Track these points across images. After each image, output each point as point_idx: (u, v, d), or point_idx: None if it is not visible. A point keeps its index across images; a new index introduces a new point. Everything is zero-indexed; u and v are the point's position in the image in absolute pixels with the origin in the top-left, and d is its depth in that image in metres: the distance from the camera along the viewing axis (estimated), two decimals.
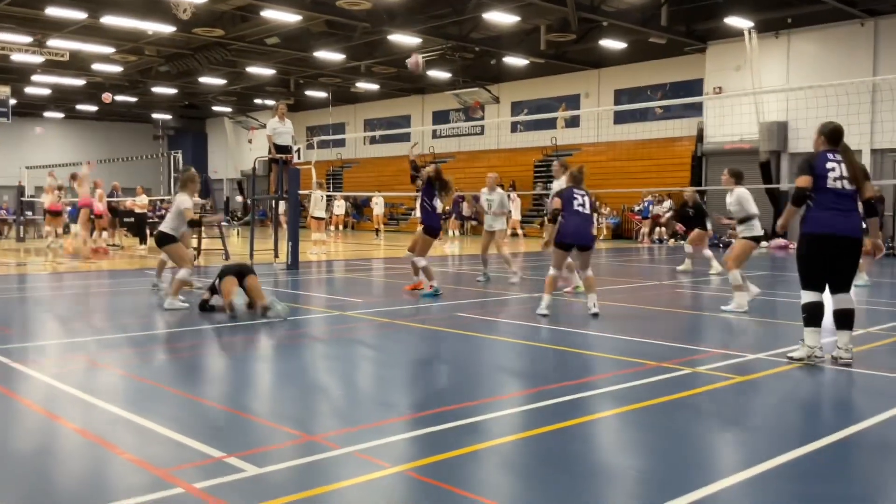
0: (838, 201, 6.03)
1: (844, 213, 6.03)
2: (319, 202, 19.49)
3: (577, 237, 8.81)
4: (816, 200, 6.08)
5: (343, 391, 5.63)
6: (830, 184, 6.05)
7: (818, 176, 6.07)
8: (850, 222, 6.05)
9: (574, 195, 8.89)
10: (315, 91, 36.52)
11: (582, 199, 8.88)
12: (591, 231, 9.15)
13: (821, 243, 6.03)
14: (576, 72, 30.51)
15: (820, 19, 22.84)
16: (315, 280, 13.91)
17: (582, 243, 8.88)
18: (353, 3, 21.67)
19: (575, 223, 8.78)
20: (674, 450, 4.23)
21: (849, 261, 6.11)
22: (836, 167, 6.08)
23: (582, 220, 8.84)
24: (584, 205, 8.86)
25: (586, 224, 8.96)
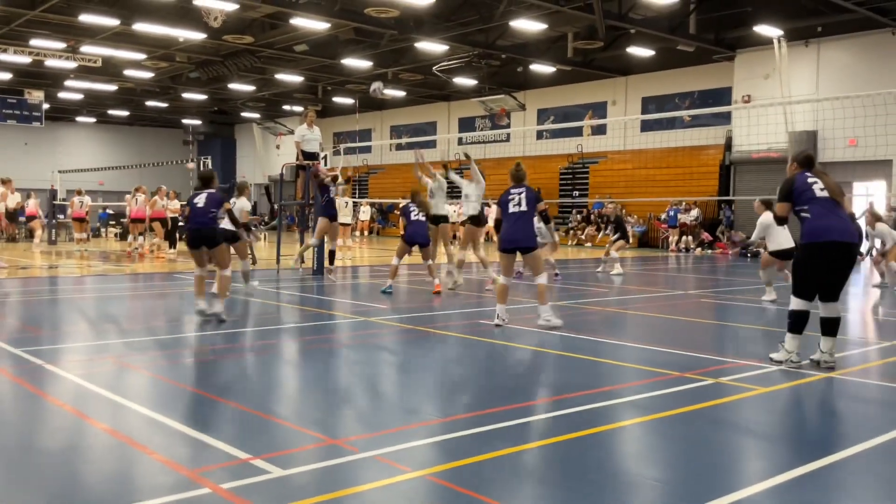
0: (832, 208, 6.17)
1: (840, 219, 6.17)
2: (345, 208, 19.62)
3: (512, 241, 8.31)
4: (811, 212, 6.21)
5: (366, 396, 5.69)
6: (819, 194, 6.20)
7: (802, 191, 6.25)
8: (847, 228, 6.20)
9: (509, 196, 8.40)
10: (342, 98, 36.80)
11: (518, 198, 8.32)
12: (528, 231, 8.33)
13: (822, 251, 6.14)
14: (603, 79, 30.45)
15: (850, 28, 22.62)
16: (339, 286, 14.02)
17: (519, 246, 8.33)
18: (381, 11, 21.84)
19: (508, 225, 8.35)
20: (695, 460, 4.24)
21: (845, 267, 6.23)
22: (818, 181, 6.29)
23: (515, 221, 8.30)
24: (521, 203, 8.28)
25: (521, 224, 8.29)
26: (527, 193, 8.41)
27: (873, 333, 9.23)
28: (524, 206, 8.32)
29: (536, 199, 8.47)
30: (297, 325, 9.17)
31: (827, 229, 6.09)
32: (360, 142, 37.79)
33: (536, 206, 8.48)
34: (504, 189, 8.67)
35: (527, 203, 8.33)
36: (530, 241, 8.40)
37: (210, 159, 22.02)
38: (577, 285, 14.00)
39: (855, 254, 6.26)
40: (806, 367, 6.40)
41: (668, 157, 28.28)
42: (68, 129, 44.58)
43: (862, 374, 6.54)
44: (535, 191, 8.65)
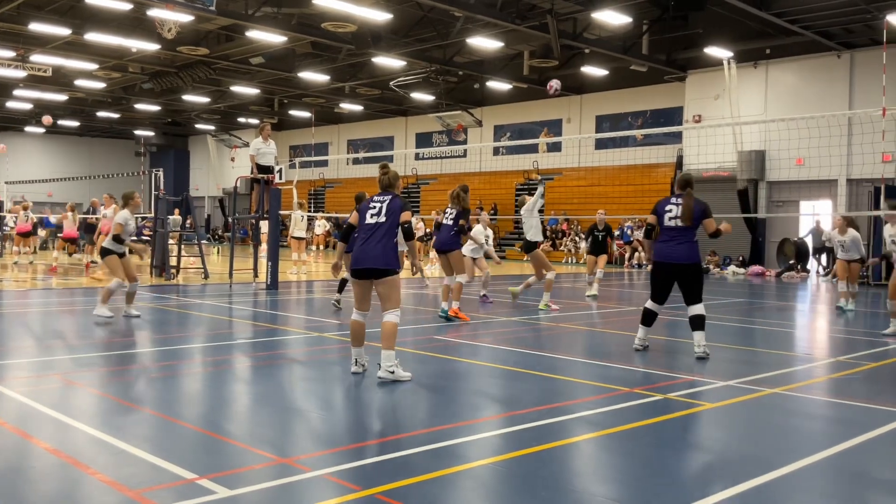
0: (673, 236, 7.79)
1: (677, 245, 7.76)
2: (300, 222, 19.52)
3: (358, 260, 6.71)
4: (660, 235, 7.93)
5: (318, 413, 5.65)
6: (666, 223, 7.84)
7: (660, 215, 7.90)
8: (680, 251, 7.74)
9: (370, 205, 7.03)
10: (299, 111, 36.66)
11: (379, 207, 6.89)
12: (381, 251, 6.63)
13: (659, 268, 7.92)
14: (558, 97, 30.80)
15: (797, 51, 23.30)
16: (294, 300, 13.90)
17: (367, 268, 6.63)
18: (338, 26, 21.85)
19: (360, 242, 6.83)
20: (643, 476, 4.30)
21: (687, 280, 7.80)
22: (674, 209, 7.80)
23: (367, 237, 6.78)
24: (380, 213, 6.82)
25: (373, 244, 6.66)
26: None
27: (819, 350, 9.45)
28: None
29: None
30: (249, 340, 9.06)
31: (660, 252, 7.87)
32: (316, 155, 37.66)
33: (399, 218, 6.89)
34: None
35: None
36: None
37: (162, 171, 21.69)
38: (531, 300, 14.09)
39: (690, 270, 7.77)
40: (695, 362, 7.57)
41: (622, 175, 28.73)
42: (16, 140, 43.56)
43: (807, 389, 6.69)
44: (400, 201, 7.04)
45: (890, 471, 4.63)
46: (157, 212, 17.43)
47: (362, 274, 6.59)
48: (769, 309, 14.10)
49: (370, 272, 6.53)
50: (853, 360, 8.11)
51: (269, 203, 14.82)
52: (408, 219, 6.66)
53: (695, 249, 7.82)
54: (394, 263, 6.57)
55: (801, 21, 20.59)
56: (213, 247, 32.73)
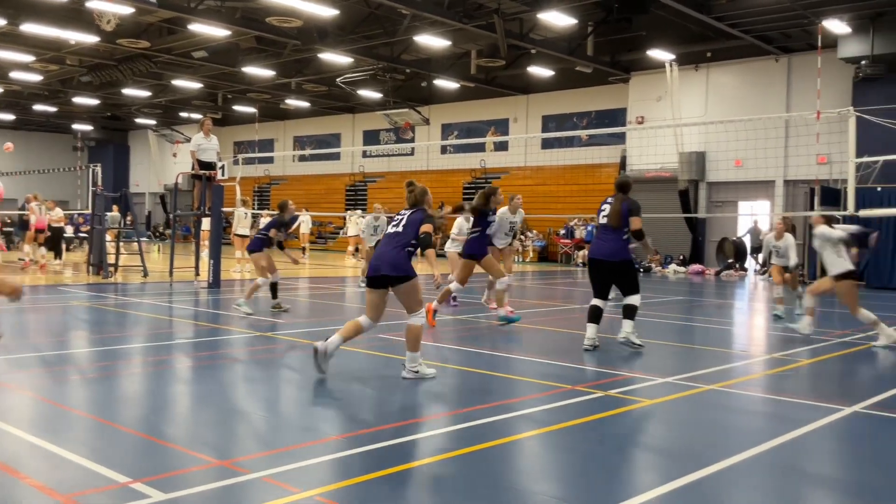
0: (602, 234, 8.35)
1: (604, 242, 8.30)
2: (243, 219, 19.23)
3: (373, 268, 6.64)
4: (595, 233, 8.63)
5: (259, 414, 5.57)
6: (600, 220, 8.36)
7: (599, 213, 8.44)
8: (606, 248, 8.25)
9: (395, 219, 6.99)
10: (243, 106, 36.11)
11: (399, 220, 6.87)
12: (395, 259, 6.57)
13: (592, 264, 8.42)
14: (505, 97, 31.02)
15: (737, 54, 23.85)
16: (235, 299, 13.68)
17: (382, 274, 6.57)
18: (283, 20, 21.57)
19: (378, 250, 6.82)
20: (583, 473, 4.34)
21: (614, 275, 8.30)
22: (606, 208, 8.32)
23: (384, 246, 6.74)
24: (399, 224, 6.82)
25: (388, 251, 6.63)
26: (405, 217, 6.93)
27: (755, 347, 9.69)
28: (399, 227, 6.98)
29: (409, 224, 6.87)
30: (190, 340, 8.89)
31: (592, 250, 8.51)
32: (261, 152, 37.15)
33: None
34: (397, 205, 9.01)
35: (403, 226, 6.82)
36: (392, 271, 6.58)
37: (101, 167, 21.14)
38: (474, 298, 14.14)
39: (616, 266, 8.21)
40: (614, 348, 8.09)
41: (567, 174, 29.03)
42: None
43: (743, 386, 6.85)
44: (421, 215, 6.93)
45: (822, 465, 4.77)
46: (94, 208, 16.97)
47: (376, 282, 6.64)
48: (708, 307, 14.42)
49: (385, 280, 6.57)
50: (788, 357, 8.33)
51: (212, 200, 14.57)
52: (427, 230, 6.67)
53: (623, 246, 8.24)
54: (408, 269, 6.57)
55: (741, 25, 21.08)
56: (153, 244, 32.05)
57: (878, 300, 15.79)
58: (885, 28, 19.77)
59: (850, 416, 5.70)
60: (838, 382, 7.47)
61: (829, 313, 14.24)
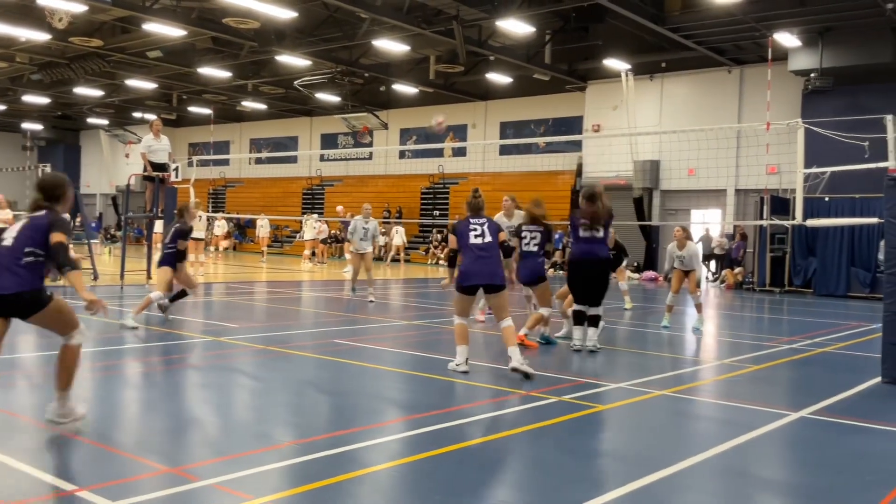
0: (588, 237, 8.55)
1: (592, 244, 8.55)
2: (198, 223, 18.96)
3: (479, 276, 7.16)
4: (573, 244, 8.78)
5: (212, 420, 5.49)
6: (582, 234, 8.53)
7: (574, 228, 8.66)
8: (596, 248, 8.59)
9: (470, 226, 7.32)
10: (199, 107, 35.63)
11: (481, 230, 7.28)
12: (496, 268, 7.22)
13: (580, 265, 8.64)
14: (463, 102, 31.12)
15: (691, 65, 24.29)
16: (190, 303, 13.48)
17: (485, 283, 7.17)
18: (240, 22, 21.36)
19: (471, 260, 7.22)
20: (538, 478, 4.37)
21: (600, 277, 8.63)
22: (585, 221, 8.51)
23: (478, 255, 7.18)
24: (484, 234, 7.24)
25: (488, 260, 7.18)
26: (490, 226, 7.35)
27: (706, 353, 9.85)
28: (488, 237, 7.24)
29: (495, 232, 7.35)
30: (140, 345, 8.73)
31: (583, 250, 8.59)
32: (216, 154, 36.69)
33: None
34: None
35: (492, 235, 7.27)
36: (500, 281, 7.23)
37: (50, 167, 20.65)
38: (433, 304, 14.15)
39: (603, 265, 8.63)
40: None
41: (525, 181, 29.20)
42: None
43: (694, 391, 6.96)
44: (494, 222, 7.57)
45: (770, 469, 4.87)
46: None
47: (474, 290, 7.31)
48: (660, 313, 14.59)
49: (489, 287, 7.19)
50: (737, 363, 8.49)
51: (164, 202, 14.34)
52: (504, 238, 7.50)
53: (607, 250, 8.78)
54: (504, 279, 7.34)
55: (695, 37, 21.48)
56: (105, 246, 31.40)
57: (826, 307, 16.21)
58: (834, 42, 20.33)
59: (797, 420, 5.83)
60: (786, 388, 7.64)
61: (778, 320, 14.58)
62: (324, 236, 28.64)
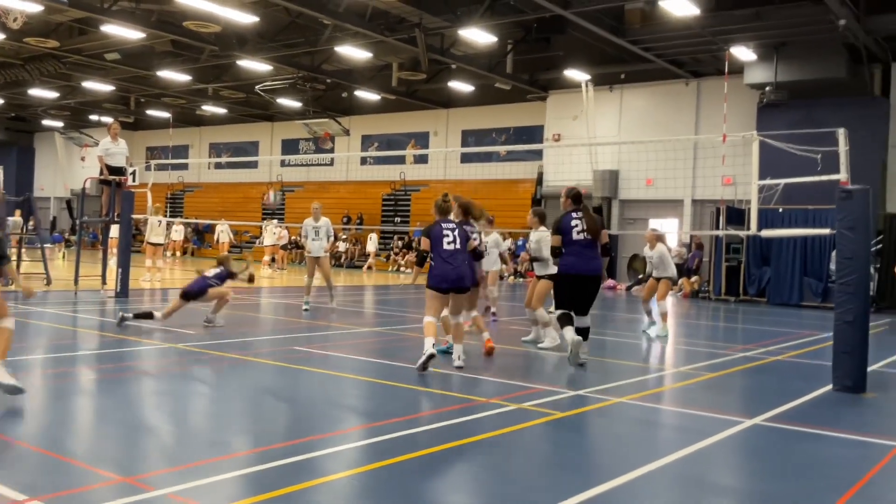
0: (581, 249, 8.11)
1: (587, 258, 8.14)
2: (157, 227, 18.69)
3: (447, 280, 7.73)
4: (567, 249, 8.16)
5: (167, 429, 5.41)
6: (575, 237, 8.11)
7: (566, 232, 8.14)
8: (595, 264, 8.20)
9: (443, 231, 7.85)
10: (157, 111, 35.13)
11: (453, 236, 7.83)
12: (464, 272, 7.88)
13: (574, 280, 8.15)
14: (425, 110, 31.17)
15: (650, 77, 24.65)
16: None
17: (454, 287, 7.81)
18: (201, 25, 21.13)
19: (441, 263, 7.77)
20: (495, 485, 4.38)
21: (593, 291, 8.24)
22: (579, 223, 8.14)
23: (449, 260, 7.75)
24: (455, 241, 7.80)
25: (457, 266, 7.78)
26: (460, 230, 7.90)
27: (663, 360, 9.98)
28: (459, 243, 7.79)
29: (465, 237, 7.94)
30: (95, 352, 8.57)
31: (576, 265, 8.13)
32: (175, 157, 36.21)
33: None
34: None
35: (462, 241, 7.82)
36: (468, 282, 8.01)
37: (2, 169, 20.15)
38: (394, 311, 14.12)
39: (597, 282, 8.24)
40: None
41: (486, 189, 29.33)
42: None
43: (651, 398, 7.05)
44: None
45: (726, 476, 4.95)
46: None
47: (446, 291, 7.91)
48: (619, 321, 14.77)
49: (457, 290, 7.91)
50: (693, 371, 8.62)
51: (121, 206, 14.11)
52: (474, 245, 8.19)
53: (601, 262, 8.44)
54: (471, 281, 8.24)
55: (654, 49, 21.81)
56: (58, 251, 30.74)
57: (779, 316, 16.54)
58: (788, 57, 20.79)
59: (751, 427, 5.94)
60: (740, 395, 7.78)
61: (733, 329, 14.84)
62: (284, 242, 28.42)
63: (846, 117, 18.56)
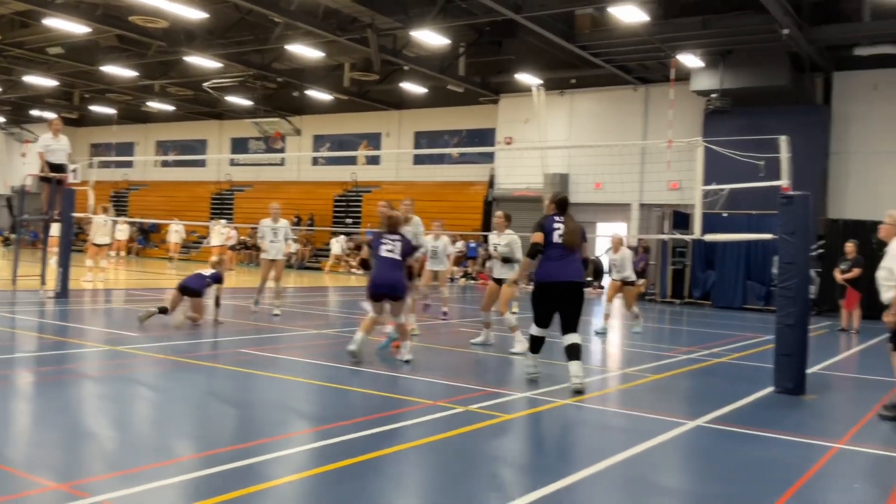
0: (559, 253, 7.36)
1: (566, 263, 7.35)
2: (102, 227, 18.21)
3: (383, 287, 8.33)
4: (545, 254, 7.41)
5: (107, 434, 5.27)
6: (555, 240, 7.38)
7: (548, 233, 7.42)
8: (571, 269, 7.35)
9: (382, 241, 8.47)
10: (102, 107, 34.35)
11: (392, 245, 8.41)
12: (397, 280, 8.34)
13: (549, 288, 7.36)
14: (378, 111, 31.06)
15: (599, 82, 24.96)
16: (88, 310, 12.95)
17: (387, 293, 8.36)
18: (147, 20, 20.72)
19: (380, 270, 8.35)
20: (441, 487, 4.37)
21: (572, 301, 7.37)
22: (561, 227, 7.44)
23: (388, 266, 8.34)
24: (394, 251, 8.37)
25: (392, 271, 8.34)
26: (401, 243, 8.50)
27: (609, 362, 10.10)
28: (397, 253, 8.41)
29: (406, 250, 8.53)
30: (32, 354, 8.31)
31: (551, 272, 7.32)
32: (120, 155, 35.44)
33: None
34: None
35: (400, 252, 8.44)
36: (400, 290, 8.41)
37: None
38: (344, 313, 14.02)
39: (579, 290, 7.42)
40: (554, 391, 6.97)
41: (438, 191, 29.36)
42: None
43: (597, 400, 7.12)
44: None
45: (668, 478, 5.02)
46: None
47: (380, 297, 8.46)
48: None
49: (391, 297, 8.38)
50: (639, 373, 8.74)
51: (62, 204, 13.73)
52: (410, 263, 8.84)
53: (582, 268, 7.49)
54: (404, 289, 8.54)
55: (603, 55, 22.09)
56: None
57: (723, 319, 16.88)
58: (733, 65, 21.25)
59: (694, 429, 6.04)
60: (684, 397, 7.91)
61: (678, 331, 15.09)
62: (232, 242, 28.01)
63: (789, 125, 19.03)
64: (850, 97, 21.75)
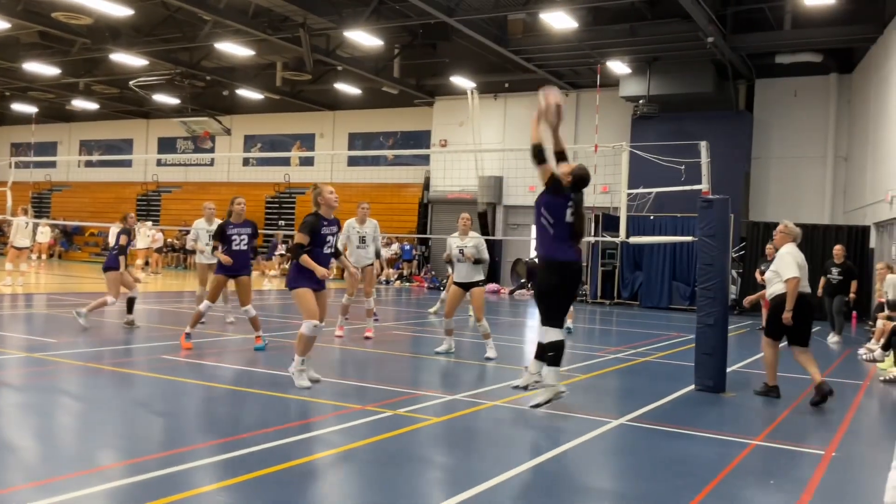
0: (566, 236, 6.67)
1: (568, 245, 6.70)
2: (23, 229, 17.56)
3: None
4: (552, 233, 6.64)
5: (25, 444, 5.09)
6: (568, 219, 6.67)
7: (559, 205, 6.66)
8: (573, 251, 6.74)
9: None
10: (22, 105, 33.15)
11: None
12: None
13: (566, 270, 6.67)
14: (311, 111, 30.79)
15: (532, 87, 25.02)
16: (7, 316, 12.49)
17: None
18: (71, 17, 20.11)
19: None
20: (364, 493, 4.37)
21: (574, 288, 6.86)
22: (573, 207, 6.72)
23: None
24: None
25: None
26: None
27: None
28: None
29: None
30: None
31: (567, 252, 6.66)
32: (41, 155, 34.25)
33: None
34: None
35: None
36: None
37: None
38: (278, 316, 13.87)
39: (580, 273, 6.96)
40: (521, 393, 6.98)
41: (373, 193, 29.23)
42: None
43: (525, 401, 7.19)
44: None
45: (591, 477, 5.12)
46: None
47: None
48: (501, 324, 15.05)
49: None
50: (567, 373, 8.87)
51: None
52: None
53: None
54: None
55: (535, 60, 22.40)
56: None
57: (649, 319, 17.28)
58: (660, 72, 21.81)
59: (618, 427, 6.18)
60: (610, 396, 8.08)
61: (607, 331, 15.40)
62: (158, 245, 27.34)
63: (713, 130, 19.68)
64: (772, 104, 22.57)
